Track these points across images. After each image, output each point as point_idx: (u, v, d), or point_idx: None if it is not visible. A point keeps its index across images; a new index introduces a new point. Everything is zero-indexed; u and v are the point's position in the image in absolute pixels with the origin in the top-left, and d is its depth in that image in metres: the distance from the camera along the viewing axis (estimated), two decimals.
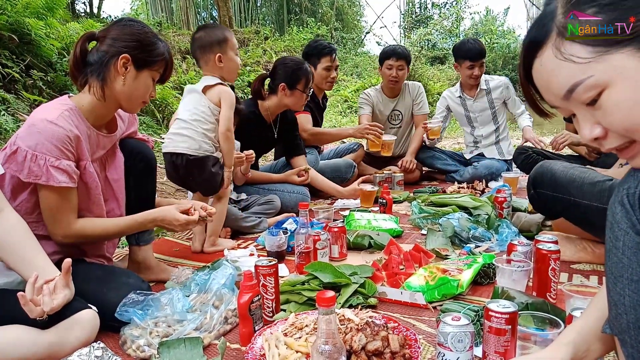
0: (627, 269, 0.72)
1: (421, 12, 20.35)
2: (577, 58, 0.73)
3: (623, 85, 0.71)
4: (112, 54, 1.59)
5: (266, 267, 1.53)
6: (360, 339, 1.23)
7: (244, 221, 2.60)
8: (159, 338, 1.40)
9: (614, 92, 0.72)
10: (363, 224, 2.48)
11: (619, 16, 0.68)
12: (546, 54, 0.77)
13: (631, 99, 0.71)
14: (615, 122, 0.74)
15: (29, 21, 4.45)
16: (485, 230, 2.24)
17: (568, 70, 0.74)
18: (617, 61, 0.70)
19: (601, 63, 0.71)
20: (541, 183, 1.96)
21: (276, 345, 1.31)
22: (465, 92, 3.92)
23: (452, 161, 3.96)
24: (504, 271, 1.64)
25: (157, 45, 1.67)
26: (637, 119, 0.72)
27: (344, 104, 11.03)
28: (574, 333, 0.96)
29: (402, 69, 3.83)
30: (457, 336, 1.14)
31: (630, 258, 0.72)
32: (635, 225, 0.72)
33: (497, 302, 1.20)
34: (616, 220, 0.74)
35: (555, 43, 0.75)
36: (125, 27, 1.64)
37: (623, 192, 0.75)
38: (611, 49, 0.70)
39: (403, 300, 1.63)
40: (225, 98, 2.17)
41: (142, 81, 1.65)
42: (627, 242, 0.72)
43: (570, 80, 0.74)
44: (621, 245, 0.72)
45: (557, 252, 1.59)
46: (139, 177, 1.84)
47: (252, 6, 16.55)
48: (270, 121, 3.03)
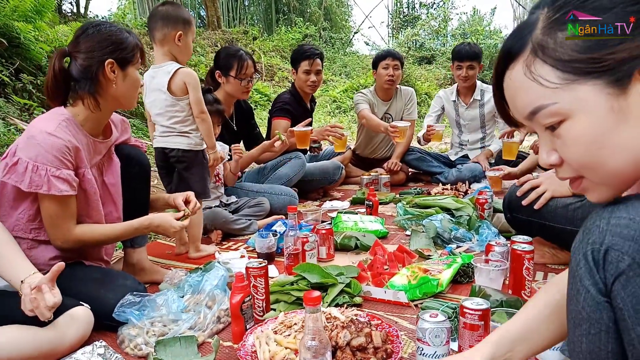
0: (586, 321, 0.72)
1: (409, 12, 20.47)
2: (545, 81, 0.71)
3: (584, 120, 0.69)
4: (96, 66, 1.63)
5: (256, 269, 1.61)
6: (345, 335, 1.32)
7: (235, 224, 2.67)
8: (155, 337, 1.47)
9: (574, 125, 0.70)
10: (350, 225, 2.56)
11: (593, 44, 0.67)
12: (517, 69, 0.75)
13: (589, 135, 0.69)
14: (571, 155, 0.73)
15: (18, 25, 4.47)
16: (466, 231, 2.34)
17: (534, 91, 0.72)
18: (583, 93, 0.68)
19: (567, 92, 0.69)
20: (516, 208, 2.06)
21: (266, 343, 1.39)
22: (460, 98, 4.04)
23: (437, 163, 4.07)
24: (481, 270, 1.74)
25: (128, 39, 1.70)
26: (591, 158, 0.71)
27: (332, 104, 11.09)
28: (496, 335, 0.98)
29: (397, 69, 3.94)
30: (434, 332, 1.23)
31: (590, 314, 0.71)
32: (598, 284, 0.69)
33: (472, 300, 1.29)
34: (579, 273, 0.72)
35: (527, 60, 0.73)
36: (95, 35, 1.65)
37: (588, 246, 0.71)
38: (580, 79, 0.68)
39: (386, 299, 1.73)
40: (189, 82, 2.16)
41: (131, 77, 1.72)
42: (587, 298, 0.71)
43: (534, 102, 0.73)
44: (582, 299, 0.72)
45: (531, 252, 1.70)
46: (134, 182, 1.91)
47: (240, 5, 16.55)
48: (228, 114, 3.11)
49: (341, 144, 3.44)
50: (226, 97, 3.03)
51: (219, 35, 12.11)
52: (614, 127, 0.68)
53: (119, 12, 16.36)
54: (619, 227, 0.67)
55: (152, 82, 2.21)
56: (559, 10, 0.70)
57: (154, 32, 2.19)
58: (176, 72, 2.14)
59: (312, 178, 3.47)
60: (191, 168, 2.21)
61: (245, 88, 2.99)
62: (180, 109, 2.19)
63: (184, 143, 2.20)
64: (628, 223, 0.67)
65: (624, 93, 0.67)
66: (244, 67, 2.95)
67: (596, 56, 0.67)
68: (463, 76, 3.83)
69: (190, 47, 2.25)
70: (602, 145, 0.69)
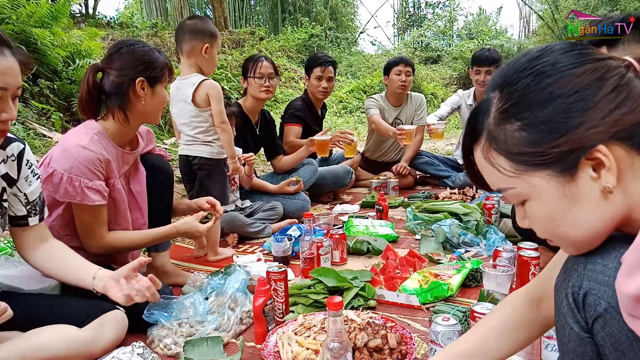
0: (572, 352, 0.77)
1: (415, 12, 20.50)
2: (502, 168, 0.76)
3: (540, 204, 0.76)
4: (128, 83, 1.73)
5: (277, 273, 1.70)
6: (362, 337, 1.42)
7: (250, 227, 2.77)
8: (183, 337, 1.57)
9: (533, 207, 0.77)
10: (361, 229, 2.66)
11: (537, 138, 0.71)
12: (478, 152, 0.80)
13: (547, 215, 0.76)
14: (535, 229, 0.81)
15: (35, 30, 4.58)
16: (474, 236, 2.43)
17: (494, 175, 0.78)
18: (536, 181, 0.74)
19: (522, 180, 0.75)
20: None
21: (289, 343, 1.49)
22: (476, 102, 4.12)
23: (445, 167, 4.15)
24: (489, 275, 1.83)
25: (159, 59, 1.81)
26: (551, 233, 0.78)
27: (339, 104, 11.17)
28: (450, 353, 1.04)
29: (409, 75, 4.04)
30: (446, 334, 1.32)
31: (575, 347, 0.76)
32: (580, 322, 0.74)
33: (481, 305, 1.39)
34: (562, 311, 0.77)
35: (484, 147, 0.78)
36: (128, 54, 1.76)
37: (569, 288, 0.76)
38: (530, 169, 0.73)
39: (399, 302, 1.82)
40: (212, 95, 2.28)
41: (159, 94, 1.83)
42: (571, 334, 0.75)
43: (496, 184, 0.80)
44: (567, 334, 0.76)
45: (537, 258, 1.79)
46: (158, 189, 2.02)
47: (247, 6, 16.65)
48: (254, 120, 3.24)
49: (351, 150, 3.53)
50: (252, 102, 3.17)
51: (226, 36, 12.19)
52: (568, 208, 0.74)
53: (126, 12, 16.51)
54: (594, 273, 0.73)
55: (177, 92, 2.33)
56: (506, 100, 0.74)
57: (181, 44, 2.32)
58: (200, 84, 2.26)
59: (324, 182, 3.57)
60: (212, 176, 2.32)
61: (263, 87, 3.09)
62: (204, 120, 2.31)
63: (206, 152, 2.32)
64: (602, 269, 0.72)
65: (574, 179, 0.72)
66: (259, 67, 3.08)
67: (540, 150, 0.71)
68: (481, 81, 3.93)
69: (216, 59, 2.37)
70: (560, 224, 0.76)
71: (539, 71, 0.72)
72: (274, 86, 3.16)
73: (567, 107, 0.69)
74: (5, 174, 1.42)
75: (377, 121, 3.96)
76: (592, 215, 0.73)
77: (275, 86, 3.20)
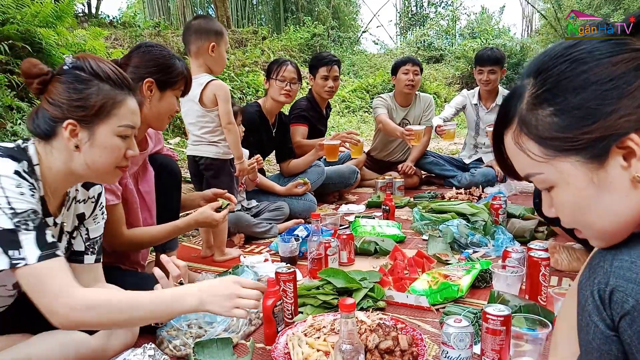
0: (596, 351, 0.76)
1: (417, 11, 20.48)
2: (531, 153, 0.77)
3: (567, 190, 0.76)
4: (137, 81, 1.72)
5: (286, 274, 1.69)
6: (373, 339, 1.41)
7: (256, 227, 2.77)
8: (192, 339, 1.56)
9: (560, 193, 0.78)
10: (368, 230, 2.65)
11: (569, 124, 0.72)
12: (509, 137, 0.81)
13: (573, 203, 0.77)
14: (561, 216, 0.81)
15: (39, 30, 4.58)
16: (482, 237, 2.42)
17: (524, 160, 0.79)
18: (564, 168, 0.75)
19: (550, 165, 0.76)
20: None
21: (299, 345, 1.48)
22: (481, 102, 4.11)
23: (450, 166, 4.15)
24: (499, 276, 1.82)
25: (176, 66, 1.82)
26: (577, 221, 0.79)
27: (341, 103, 11.16)
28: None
29: (417, 75, 4.03)
30: (458, 336, 1.31)
31: (600, 346, 0.75)
32: (606, 320, 0.74)
33: (494, 306, 1.38)
34: (587, 309, 0.76)
35: (515, 132, 0.79)
36: (145, 54, 1.77)
37: (594, 286, 0.75)
38: (560, 155, 0.74)
39: (409, 303, 1.81)
40: (220, 95, 2.29)
41: (167, 100, 1.82)
42: (596, 332, 0.75)
43: (525, 170, 0.81)
44: (591, 332, 0.76)
45: (547, 259, 1.77)
46: (166, 189, 2.02)
47: (249, 5, 16.65)
48: (272, 121, 3.26)
49: (357, 150, 3.53)
50: (271, 102, 3.19)
51: (228, 35, 12.17)
52: (595, 196, 0.74)
53: (128, 11, 16.51)
54: (621, 270, 0.72)
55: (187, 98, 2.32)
56: (540, 86, 0.75)
57: (189, 45, 2.33)
58: (208, 84, 2.27)
59: (329, 182, 3.57)
60: (218, 176, 2.32)
61: (283, 90, 3.11)
62: (210, 120, 2.31)
63: (212, 152, 2.31)
64: (630, 266, 0.71)
65: (603, 167, 0.72)
66: (282, 70, 3.12)
67: (571, 136, 0.72)
68: (484, 80, 3.91)
69: (224, 56, 2.37)
70: (586, 212, 0.76)
71: (575, 58, 0.72)
72: (294, 91, 3.18)
73: (602, 94, 0.69)
74: (82, 213, 1.46)
75: (384, 121, 3.95)
76: (620, 205, 0.73)
77: (296, 91, 3.22)
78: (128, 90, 1.32)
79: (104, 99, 1.25)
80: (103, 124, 1.26)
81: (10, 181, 1.12)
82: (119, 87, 1.29)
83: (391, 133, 3.95)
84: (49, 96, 1.25)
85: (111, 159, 1.30)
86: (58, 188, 1.34)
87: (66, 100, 1.24)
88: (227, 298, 1.27)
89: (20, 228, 1.10)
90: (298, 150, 3.51)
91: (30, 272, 1.11)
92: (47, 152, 1.27)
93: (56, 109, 1.24)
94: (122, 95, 1.29)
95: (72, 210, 1.43)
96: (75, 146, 1.25)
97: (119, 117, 1.28)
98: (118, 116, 1.28)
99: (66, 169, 1.29)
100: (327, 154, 3.24)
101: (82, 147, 1.26)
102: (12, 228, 1.09)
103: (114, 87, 1.28)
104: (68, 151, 1.26)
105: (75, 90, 1.24)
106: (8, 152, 1.18)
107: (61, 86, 1.25)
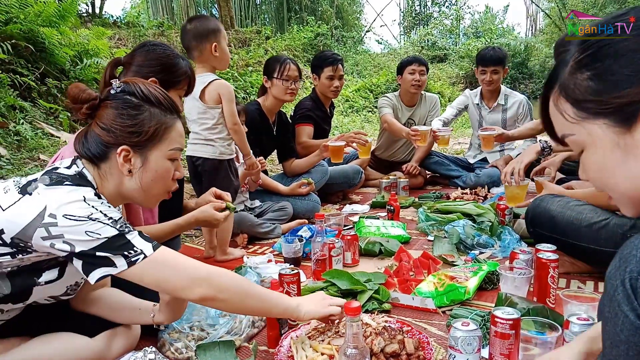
0: (624, 344, 0.75)
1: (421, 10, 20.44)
2: (567, 115, 0.83)
3: (594, 153, 0.81)
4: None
5: (290, 276, 1.67)
6: (379, 343, 1.38)
7: (260, 227, 2.74)
8: (194, 341, 1.54)
9: (588, 156, 0.82)
10: (372, 230, 2.62)
11: (603, 88, 0.76)
12: (551, 99, 0.87)
13: (599, 165, 0.81)
14: (590, 179, 0.85)
15: (42, 30, 4.58)
16: (488, 237, 2.38)
17: (560, 121, 0.85)
18: (593, 129, 0.79)
19: (581, 127, 0.81)
20: (539, 224, 2.08)
21: (302, 348, 1.46)
22: (484, 101, 4.07)
23: (455, 167, 4.10)
24: (507, 278, 1.78)
25: (180, 65, 1.80)
26: (603, 184, 0.83)
27: (345, 103, 11.14)
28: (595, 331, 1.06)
29: (423, 74, 4.00)
30: (466, 340, 1.28)
31: (628, 338, 0.74)
32: (636, 310, 0.73)
33: (502, 310, 1.34)
34: (616, 299, 0.76)
35: (555, 94, 0.85)
36: (149, 53, 1.76)
37: (626, 274, 0.75)
38: (590, 117, 0.79)
39: (414, 306, 1.78)
40: (224, 94, 2.28)
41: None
42: (625, 323, 0.74)
43: (561, 130, 0.86)
44: (620, 323, 0.75)
45: (556, 260, 1.74)
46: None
47: (252, 5, 16.65)
48: (272, 120, 3.24)
49: (365, 150, 3.50)
50: (272, 101, 3.17)
51: (232, 35, 12.18)
52: (621, 160, 0.78)
53: (132, 11, 16.53)
54: None
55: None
56: (583, 51, 0.79)
57: (192, 52, 2.33)
58: (211, 82, 2.28)
59: (333, 182, 3.53)
60: (215, 177, 2.31)
61: (288, 89, 3.10)
62: (211, 117, 2.30)
63: (208, 152, 2.32)
64: None
65: (630, 131, 0.76)
66: (286, 69, 3.08)
67: (603, 99, 0.76)
68: (487, 80, 3.86)
69: (227, 51, 2.36)
70: (611, 174, 0.80)
71: (619, 27, 0.77)
72: (297, 89, 3.16)
73: (637, 62, 0.73)
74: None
75: (389, 121, 3.92)
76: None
77: (298, 89, 3.20)
78: (177, 114, 1.34)
79: (157, 124, 1.27)
80: (155, 149, 1.29)
81: (96, 199, 1.17)
82: (169, 112, 1.31)
83: (397, 133, 3.92)
84: (100, 121, 1.26)
85: (164, 183, 1.33)
86: None
87: (119, 126, 1.24)
88: (321, 300, 1.42)
89: (125, 230, 1.16)
90: (304, 151, 3.49)
91: (152, 261, 1.17)
92: (101, 177, 1.29)
93: (109, 134, 1.25)
94: (172, 120, 1.31)
95: None
96: (129, 171, 1.27)
97: (169, 141, 1.30)
98: (169, 140, 1.30)
99: (117, 192, 1.31)
100: (332, 155, 3.21)
101: (134, 172, 1.28)
102: (118, 233, 1.15)
103: (164, 111, 1.30)
104: (120, 175, 1.28)
105: (129, 116, 1.25)
106: (76, 182, 1.19)
107: (113, 112, 1.25)
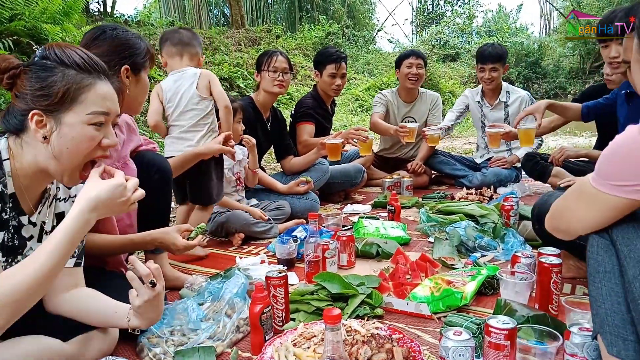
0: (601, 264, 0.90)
1: (433, 9, 20.27)
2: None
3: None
4: (114, 70, 1.57)
5: (276, 279, 1.59)
6: (365, 352, 1.29)
7: (255, 226, 2.66)
8: (174, 347, 1.47)
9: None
10: (371, 231, 2.53)
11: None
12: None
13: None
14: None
15: (46, 27, 4.56)
16: (491, 240, 2.28)
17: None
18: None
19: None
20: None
21: (285, 356, 1.37)
22: (485, 99, 3.96)
23: (461, 166, 3.99)
24: (507, 283, 1.69)
25: (141, 45, 1.71)
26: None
27: (354, 102, 11.05)
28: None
29: (420, 68, 3.90)
30: (457, 350, 1.19)
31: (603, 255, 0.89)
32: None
33: (497, 318, 1.25)
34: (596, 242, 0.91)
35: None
36: (107, 40, 1.64)
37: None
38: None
39: (408, 311, 1.69)
40: (212, 79, 2.41)
41: (143, 82, 1.75)
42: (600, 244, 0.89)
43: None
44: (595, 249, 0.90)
45: (560, 265, 1.63)
46: (153, 188, 1.88)
47: (264, 4, 16.62)
48: (266, 115, 3.20)
49: (366, 147, 3.41)
50: (264, 95, 3.13)
51: (242, 34, 12.17)
52: None
53: (144, 11, 16.60)
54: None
55: (174, 85, 2.37)
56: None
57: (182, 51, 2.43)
58: (201, 74, 2.38)
59: (334, 181, 3.44)
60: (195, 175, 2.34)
61: (276, 81, 3.05)
62: (205, 107, 2.37)
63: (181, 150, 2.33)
64: None
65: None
66: (273, 61, 3.05)
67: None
68: (486, 78, 3.74)
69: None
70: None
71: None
72: (287, 81, 3.10)
73: None
74: (61, 212, 1.36)
75: (374, 122, 3.90)
76: None
77: (289, 82, 3.14)
78: (98, 74, 1.21)
79: (67, 84, 1.16)
80: (70, 112, 1.16)
81: None
82: (86, 72, 1.19)
83: (385, 132, 3.89)
84: (17, 90, 1.18)
85: (80, 149, 1.19)
86: (31, 185, 1.25)
87: (29, 91, 1.16)
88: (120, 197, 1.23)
89: None
90: (305, 149, 3.40)
91: None
92: (18, 147, 1.20)
93: (22, 101, 1.17)
94: (89, 79, 1.19)
95: (53, 208, 1.34)
96: (44, 137, 1.16)
97: (87, 103, 1.17)
98: (86, 102, 1.17)
99: (34, 164, 1.20)
100: (329, 153, 3.13)
101: (50, 139, 1.17)
102: None
103: (80, 71, 1.18)
104: (36, 144, 1.18)
105: (38, 78, 1.16)
106: None
107: (26, 77, 1.17)
